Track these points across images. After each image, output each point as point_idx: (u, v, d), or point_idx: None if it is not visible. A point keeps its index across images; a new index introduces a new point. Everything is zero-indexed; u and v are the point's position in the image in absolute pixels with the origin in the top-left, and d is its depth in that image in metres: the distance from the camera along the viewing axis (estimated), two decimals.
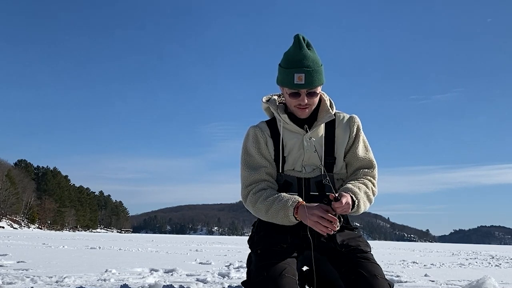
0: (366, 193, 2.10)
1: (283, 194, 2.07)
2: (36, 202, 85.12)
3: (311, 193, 2.12)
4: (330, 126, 2.20)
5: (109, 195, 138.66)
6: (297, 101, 2.10)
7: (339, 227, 1.94)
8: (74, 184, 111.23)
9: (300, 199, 2.02)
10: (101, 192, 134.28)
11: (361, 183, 2.12)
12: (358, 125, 2.23)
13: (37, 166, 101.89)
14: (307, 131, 2.15)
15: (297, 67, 2.04)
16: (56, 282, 3.76)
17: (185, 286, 3.63)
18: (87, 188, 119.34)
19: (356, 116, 2.25)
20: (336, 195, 1.90)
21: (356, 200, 2.00)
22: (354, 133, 2.22)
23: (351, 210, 2.00)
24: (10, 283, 3.56)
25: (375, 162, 2.24)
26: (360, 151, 2.22)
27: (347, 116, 2.25)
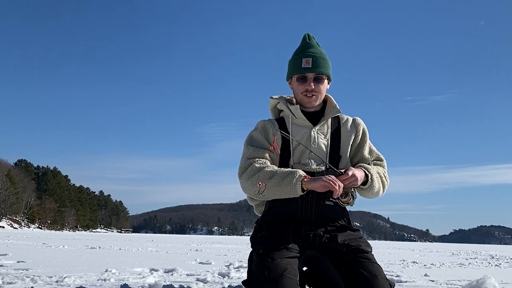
0: (378, 173, 2.15)
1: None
2: (36, 202, 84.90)
3: None
4: (336, 125, 2.26)
5: (109, 195, 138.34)
6: (304, 87, 2.18)
7: (353, 204, 2.02)
8: (74, 184, 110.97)
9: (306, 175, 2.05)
10: (101, 192, 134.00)
11: (372, 167, 2.18)
12: (363, 127, 2.30)
13: (37, 166, 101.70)
14: (314, 125, 2.20)
15: (305, 52, 2.20)
16: (56, 282, 3.76)
17: (185, 286, 3.63)
18: (87, 188, 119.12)
19: (359, 118, 2.33)
20: (342, 170, 1.98)
21: (369, 174, 2.07)
22: (361, 134, 2.28)
23: (365, 185, 2.07)
24: (10, 283, 3.55)
25: (383, 157, 2.31)
26: (367, 152, 2.28)
27: (350, 118, 2.32)
